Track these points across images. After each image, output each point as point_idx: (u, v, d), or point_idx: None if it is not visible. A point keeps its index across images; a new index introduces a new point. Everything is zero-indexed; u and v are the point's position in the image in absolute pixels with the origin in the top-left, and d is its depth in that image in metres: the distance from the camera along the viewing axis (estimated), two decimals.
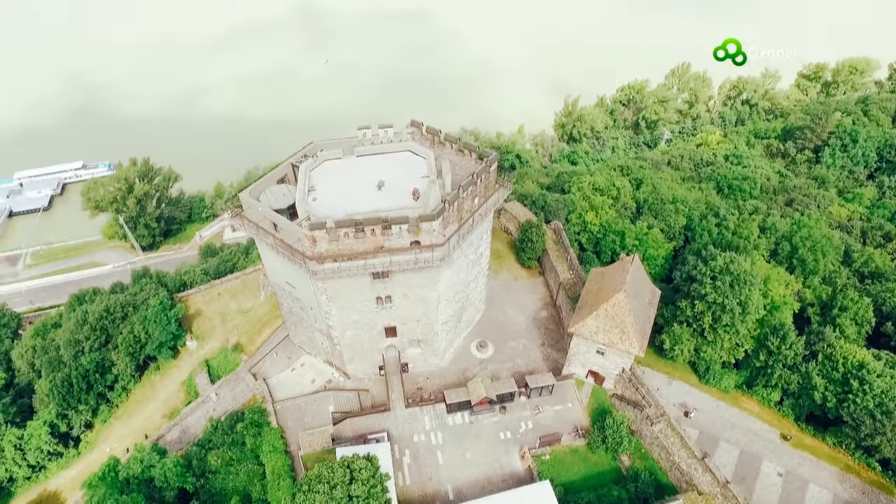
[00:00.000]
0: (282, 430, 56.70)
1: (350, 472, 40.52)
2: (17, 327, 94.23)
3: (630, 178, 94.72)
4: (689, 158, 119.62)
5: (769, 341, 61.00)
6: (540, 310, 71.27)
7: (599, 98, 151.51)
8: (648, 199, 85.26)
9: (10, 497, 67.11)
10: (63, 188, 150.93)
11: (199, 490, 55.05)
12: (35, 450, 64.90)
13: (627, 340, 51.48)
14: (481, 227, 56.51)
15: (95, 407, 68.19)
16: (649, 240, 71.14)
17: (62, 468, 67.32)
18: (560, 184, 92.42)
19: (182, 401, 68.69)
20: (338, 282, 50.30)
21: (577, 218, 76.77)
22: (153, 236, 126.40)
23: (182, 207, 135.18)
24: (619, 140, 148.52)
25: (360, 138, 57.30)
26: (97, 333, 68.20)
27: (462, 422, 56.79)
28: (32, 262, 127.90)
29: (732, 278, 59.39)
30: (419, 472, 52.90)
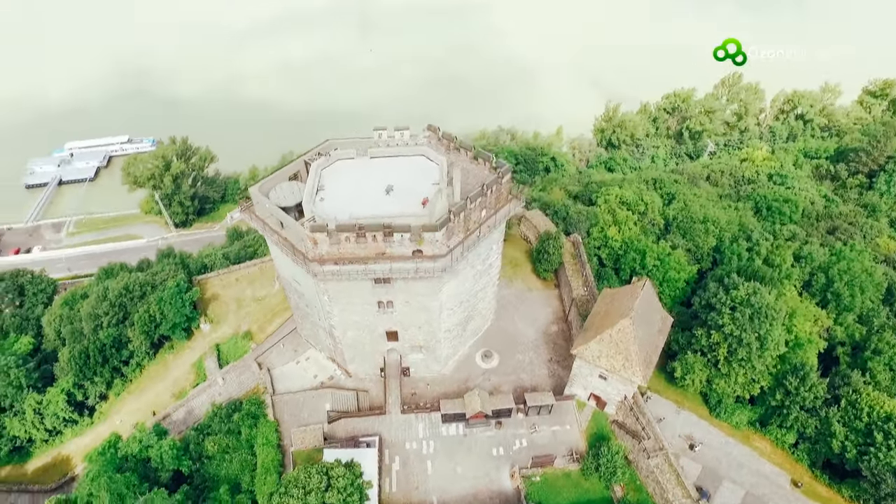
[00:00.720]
0: (277, 423, 57.24)
1: (328, 478, 40.46)
2: (53, 293, 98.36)
3: (661, 193, 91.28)
4: (730, 174, 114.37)
5: (787, 381, 57.75)
6: (551, 324, 69.59)
7: (643, 105, 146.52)
8: (678, 216, 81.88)
9: (29, 457, 70.49)
10: (109, 161, 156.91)
11: (194, 473, 56.33)
12: (52, 415, 67.81)
13: (630, 369, 49.53)
14: (490, 239, 55.19)
15: (110, 380, 70.66)
16: (671, 261, 68.27)
17: (76, 435, 70.20)
18: (588, 194, 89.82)
19: (191, 382, 70.44)
20: (339, 283, 50.06)
21: (599, 232, 74.39)
22: (186, 214, 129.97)
23: (217, 188, 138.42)
24: (659, 149, 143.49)
25: (375, 139, 56.82)
26: (116, 310, 70.48)
27: (456, 433, 56.08)
28: (75, 231, 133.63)
29: (753, 311, 56.37)
30: (406, 481, 52.57)
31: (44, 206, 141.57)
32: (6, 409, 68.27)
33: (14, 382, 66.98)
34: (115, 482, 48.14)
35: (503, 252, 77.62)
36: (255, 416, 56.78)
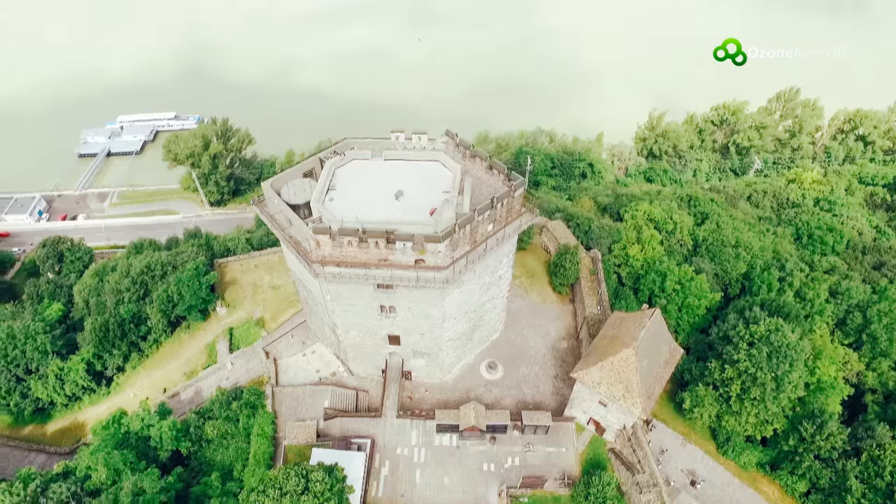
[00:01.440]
0: (275, 415, 58.06)
1: (306, 481, 40.55)
2: (89, 262, 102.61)
3: (694, 212, 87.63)
4: (774, 196, 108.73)
5: (803, 426, 54.64)
6: (561, 339, 67.97)
7: (689, 115, 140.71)
8: (708, 238, 78.44)
9: (49, 419, 74.00)
10: (155, 135, 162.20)
11: (192, 455, 57.85)
12: (72, 382, 70.86)
13: (631, 399, 47.70)
14: (500, 252, 54.05)
15: (127, 354, 73.21)
16: (692, 287, 65.35)
17: (93, 403, 73.21)
18: (617, 207, 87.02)
19: (202, 363, 72.23)
20: (341, 285, 50.01)
21: (621, 249, 71.94)
22: (222, 194, 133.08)
23: (253, 170, 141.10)
24: (703, 163, 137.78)
25: (392, 141, 56.34)
26: (137, 287, 72.87)
27: (449, 444, 55.52)
28: (118, 202, 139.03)
29: (771, 349, 53.48)
30: (393, 487, 52.43)
31: (92, 176, 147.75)
32: (33, 371, 71.66)
33: (40, 347, 70.18)
34: (113, 458, 49.82)
35: (521, 261, 77.16)
36: (254, 405, 57.68)
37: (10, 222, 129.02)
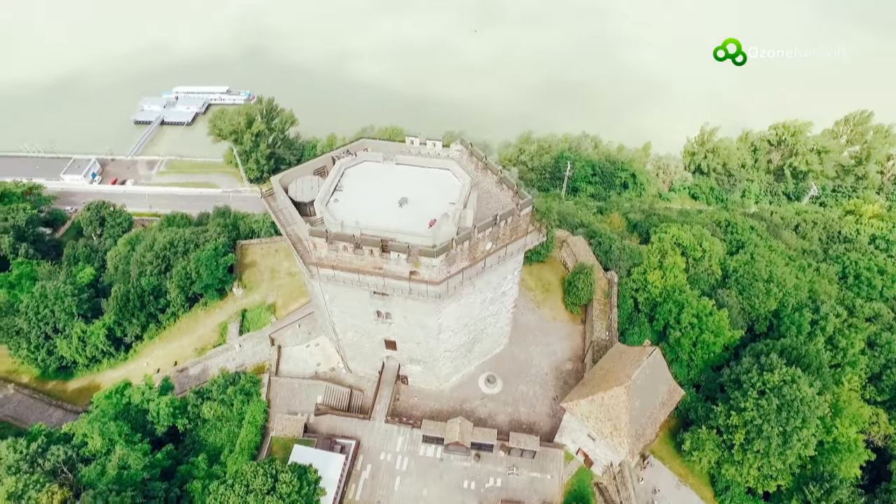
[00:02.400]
0: (268, 404, 59.11)
1: (273, 481, 40.95)
2: (128, 228, 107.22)
3: (729, 239, 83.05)
4: (825, 228, 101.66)
5: (809, 489, 51.13)
6: (567, 360, 66.04)
7: (744, 132, 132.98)
8: (739, 269, 74.11)
9: (71, 377, 77.83)
10: (207, 108, 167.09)
11: (188, 433, 59.66)
12: (92, 345, 74.22)
13: (618, 438, 45.75)
14: (504, 269, 52.64)
15: (145, 324, 76.03)
16: (709, 322, 61.89)
17: (110, 367, 76.55)
18: (647, 226, 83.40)
19: (214, 342, 74.23)
20: (338, 287, 49.92)
21: (640, 274, 68.89)
22: (261, 171, 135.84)
23: (294, 150, 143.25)
24: (753, 183, 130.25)
25: (406, 145, 55.52)
26: (159, 261, 75.41)
27: (433, 455, 55.04)
28: (165, 171, 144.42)
29: (783, 402, 50.14)
30: (371, 492, 52.49)
31: (144, 144, 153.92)
32: (59, 331, 75.48)
33: (67, 309, 73.75)
34: (108, 428, 51.89)
35: (538, 273, 75.38)
36: (249, 393, 58.82)
37: (67, 182, 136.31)
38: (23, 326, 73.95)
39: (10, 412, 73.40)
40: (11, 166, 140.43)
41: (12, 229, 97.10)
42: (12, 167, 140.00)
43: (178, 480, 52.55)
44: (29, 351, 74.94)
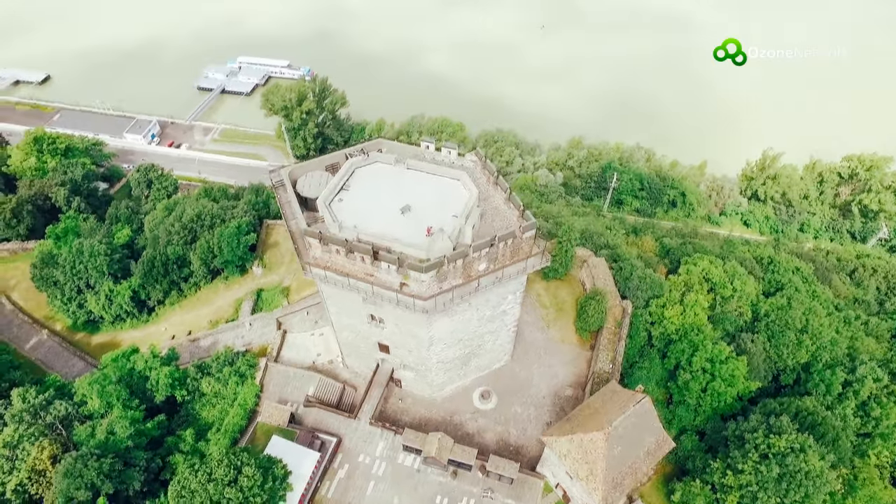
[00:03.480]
0: (261, 388, 60.23)
1: (237, 473, 41.55)
2: (173, 192, 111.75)
3: (768, 279, 77.46)
4: (885, 277, 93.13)
5: None
6: (567, 386, 63.70)
7: (812, 161, 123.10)
8: (771, 314, 69.05)
9: (97, 331, 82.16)
10: (267, 80, 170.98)
11: (186, 404, 61.72)
12: (117, 305, 78.10)
13: (593, 484, 43.65)
14: (504, 289, 50.94)
15: (168, 290, 79.09)
16: (722, 370, 57.93)
17: (132, 327, 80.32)
18: (679, 255, 78.92)
19: (228, 316, 76.25)
20: (332, 287, 49.77)
21: (658, 307, 65.26)
22: (308, 149, 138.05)
23: (343, 131, 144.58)
24: (815, 217, 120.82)
25: (422, 149, 54.32)
26: (185, 232, 77.91)
27: (410, 465, 54.55)
28: (218, 138, 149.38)
29: (784, 472, 46.39)
30: (343, 493, 52.66)
31: (204, 110, 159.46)
32: (91, 286, 79.64)
33: (98, 267, 77.54)
34: (106, 391, 54.22)
35: (554, 291, 72.89)
36: (244, 375, 60.07)
37: (128, 140, 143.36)
38: (59, 278, 78.42)
39: (41, 356, 78.30)
40: (83, 121, 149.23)
41: (69, 182, 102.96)
42: (83, 121, 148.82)
43: (165, 451, 54.55)
44: (62, 302, 79.62)
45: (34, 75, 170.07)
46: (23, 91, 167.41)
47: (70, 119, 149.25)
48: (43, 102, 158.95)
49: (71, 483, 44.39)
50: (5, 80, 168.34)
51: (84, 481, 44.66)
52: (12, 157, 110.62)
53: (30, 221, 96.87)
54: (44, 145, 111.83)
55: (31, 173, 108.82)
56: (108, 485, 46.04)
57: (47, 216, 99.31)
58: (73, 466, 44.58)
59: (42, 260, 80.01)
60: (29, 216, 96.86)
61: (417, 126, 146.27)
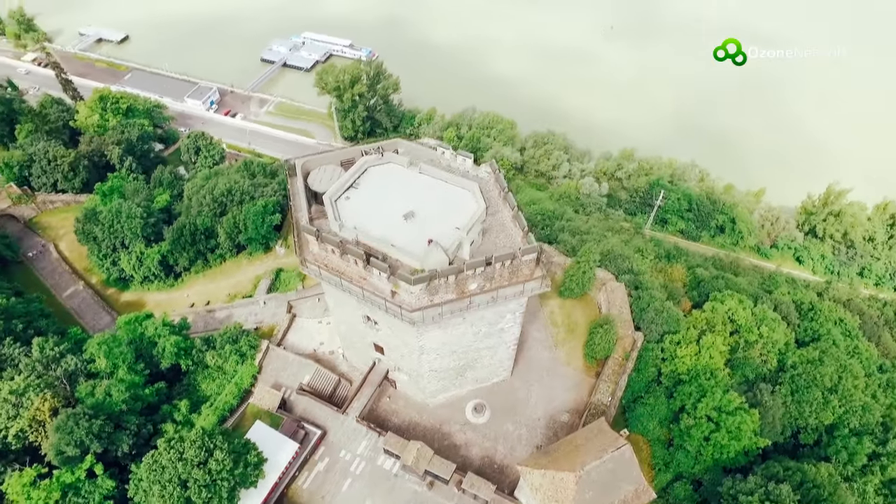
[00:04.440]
0: (259, 370, 61.43)
1: (208, 455, 42.48)
2: (220, 160, 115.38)
3: (804, 327, 72.08)
4: None
5: None
6: (564, 412, 61.66)
7: (885, 202, 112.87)
8: (799, 367, 64.27)
9: (126, 289, 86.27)
10: (328, 58, 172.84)
11: (189, 373, 63.85)
12: (146, 267, 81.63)
13: None
14: (502, 308, 49.41)
15: (193, 259, 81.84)
16: (729, 423, 54.28)
17: (158, 290, 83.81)
18: (709, 289, 74.56)
19: (246, 292, 78.23)
20: (328, 284, 49.74)
21: (672, 343, 61.81)
22: (356, 131, 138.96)
23: (393, 117, 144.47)
24: (879, 262, 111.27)
25: (437, 155, 53.10)
26: (215, 205, 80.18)
27: (389, 469, 54.35)
28: (273, 111, 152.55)
29: None
30: (319, 486, 53.16)
31: (263, 82, 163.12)
32: (126, 246, 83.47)
33: (133, 229, 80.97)
34: (114, 353, 56.68)
35: (569, 310, 70.60)
36: (244, 355, 61.40)
37: (188, 105, 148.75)
38: (98, 234, 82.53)
39: (74, 306, 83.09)
40: (150, 82, 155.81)
41: (125, 142, 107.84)
42: (151, 83, 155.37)
43: (160, 418, 56.71)
44: (98, 257, 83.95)
45: (115, 34, 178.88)
46: (103, 49, 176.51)
47: (140, 79, 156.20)
48: (119, 61, 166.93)
49: (62, 438, 46.79)
50: (89, 38, 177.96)
51: (74, 438, 46.98)
52: (79, 113, 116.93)
53: (85, 176, 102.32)
54: (108, 104, 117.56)
55: (93, 130, 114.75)
56: (97, 444, 48.29)
57: (102, 172, 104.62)
58: (65, 423, 46.93)
59: (85, 215, 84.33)
60: (84, 171, 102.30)
61: (468, 119, 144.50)
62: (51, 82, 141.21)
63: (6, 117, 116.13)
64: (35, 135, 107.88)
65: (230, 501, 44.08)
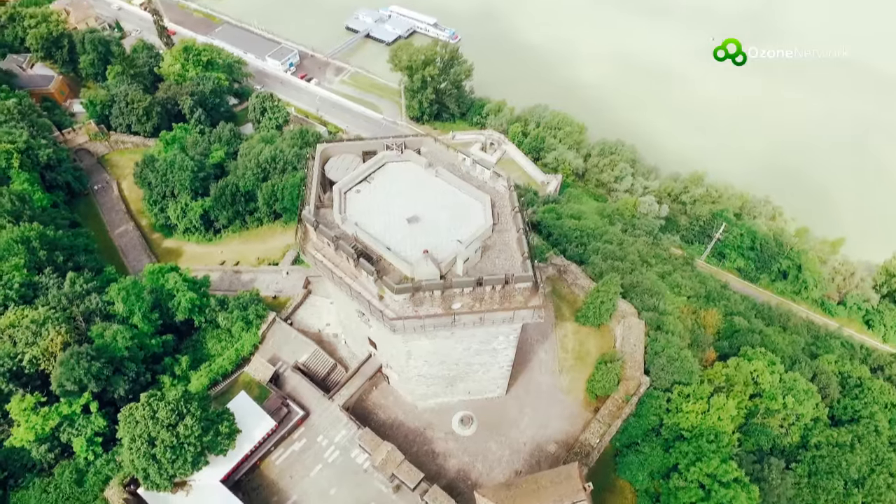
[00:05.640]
0: (260, 340, 63.01)
1: (179, 418, 44.06)
2: (284, 123, 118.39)
3: (843, 404, 65.27)
4: None
5: None
6: (553, 442, 59.28)
7: None
8: (823, 449, 58.41)
9: (169, 236, 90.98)
10: (411, 34, 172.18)
11: (201, 328, 66.45)
12: (188, 219, 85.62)
13: None
14: (494, 330, 47.63)
15: (232, 219, 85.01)
16: (721, 495, 49.92)
17: (196, 242, 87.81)
18: (739, 342, 68.85)
19: (274, 259, 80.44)
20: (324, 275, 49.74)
21: (680, 396, 57.51)
22: (422, 112, 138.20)
23: (461, 103, 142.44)
24: None
25: (458, 160, 51.34)
26: (258, 170, 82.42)
27: (360, 463, 54.47)
28: (347, 81, 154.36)
29: None
30: (290, 465, 54.18)
31: (344, 50, 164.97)
32: (175, 196, 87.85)
33: (182, 181, 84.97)
34: (131, 300, 59.74)
35: (584, 338, 67.61)
36: (250, 323, 63.10)
37: (268, 64, 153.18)
38: (152, 180, 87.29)
39: (122, 244, 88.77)
40: (237, 37, 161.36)
41: (198, 94, 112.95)
42: (238, 38, 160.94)
43: (160, 369, 59.61)
44: (149, 202, 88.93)
45: None
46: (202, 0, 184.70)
47: (228, 33, 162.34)
48: (214, 13, 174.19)
49: (63, 373, 50.14)
50: None
51: (73, 375, 50.20)
52: (164, 61, 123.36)
53: (156, 122, 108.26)
54: (190, 55, 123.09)
55: (173, 78, 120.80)
56: (93, 384, 51.42)
57: (173, 120, 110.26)
58: (67, 360, 50.19)
59: (144, 160, 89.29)
60: (157, 117, 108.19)
61: (536, 116, 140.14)
62: (152, 27, 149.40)
63: (103, 57, 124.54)
64: (121, 77, 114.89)
65: (194, 465, 45.71)
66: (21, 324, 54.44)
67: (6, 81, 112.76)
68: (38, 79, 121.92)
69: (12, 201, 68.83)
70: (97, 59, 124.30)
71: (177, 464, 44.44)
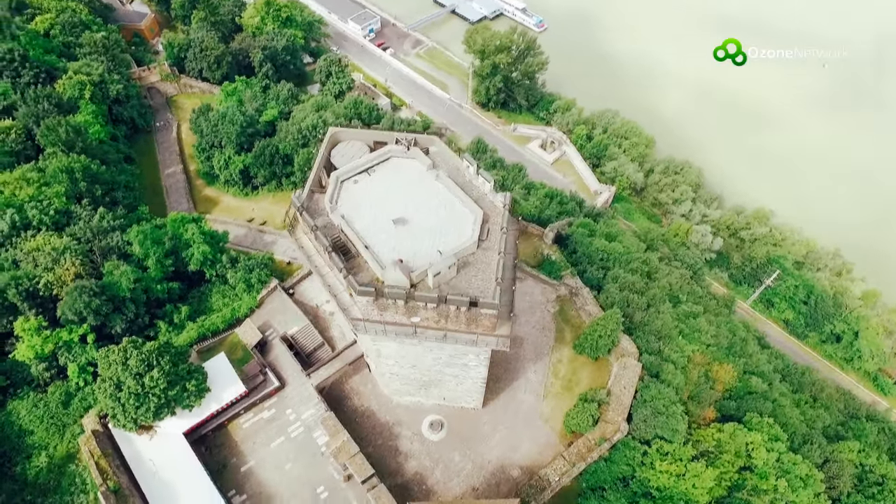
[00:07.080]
0: (258, 305, 64.72)
1: (147, 369, 46.22)
2: (348, 89, 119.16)
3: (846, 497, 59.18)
4: None
5: None
6: (518, 467, 57.59)
7: None
8: None
9: (210, 185, 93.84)
10: (497, 16, 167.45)
11: (211, 281, 69.14)
12: (229, 172, 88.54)
13: None
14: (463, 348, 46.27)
15: (268, 178, 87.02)
16: None
17: (233, 195, 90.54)
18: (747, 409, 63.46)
19: None
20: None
21: (657, 454, 53.82)
22: (489, 99, 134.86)
23: (530, 96, 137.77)
24: None
25: (463, 167, 49.54)
26: (299, 136, 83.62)
27: (320, 444, 55.40)
28: (422, 55, 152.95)
29: None
30: (256, 432, 55.92)
31: (426, 23, 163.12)
32: (222, 147, 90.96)
33: (229, 135, 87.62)
34: (146, 245, 62.79)
35: (578, 368, 64.96)
36: (252, 286, 64.94)
37: (348, 27, 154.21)
38: (204, 129, 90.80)
39: (168, 185, 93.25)
40: None
41: (270, 49, 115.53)
42: None
43: (161, 314, 62.75)
44: (198, 149, 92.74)
45: None
46: None
47: None
48: None
49: (66, 303, 53.86)
50: None
51: (75, 307, 53.79)
52: (245, 13, 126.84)
53: (226, 70, 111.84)
54: (270, 9, 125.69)
55: (252, 30, 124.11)
56: (91, 318, 54.95)
57: (243, 72, 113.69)
58: (72, 292, 53.75)
59: (201, 108, 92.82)
60: (227, 66, 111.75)
61: (605, 122, 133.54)
62: None
63: (192, 3, 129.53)
64: (203, 23, 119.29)
65: (157, 415, 48.13)
66: (44, 248, 58.62)
67: (103, 14, 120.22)
68: (132, 14, 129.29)
69: (68, 132, 73.59)
70: (187, 2, 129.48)
71: (140, 410, 46.91)
